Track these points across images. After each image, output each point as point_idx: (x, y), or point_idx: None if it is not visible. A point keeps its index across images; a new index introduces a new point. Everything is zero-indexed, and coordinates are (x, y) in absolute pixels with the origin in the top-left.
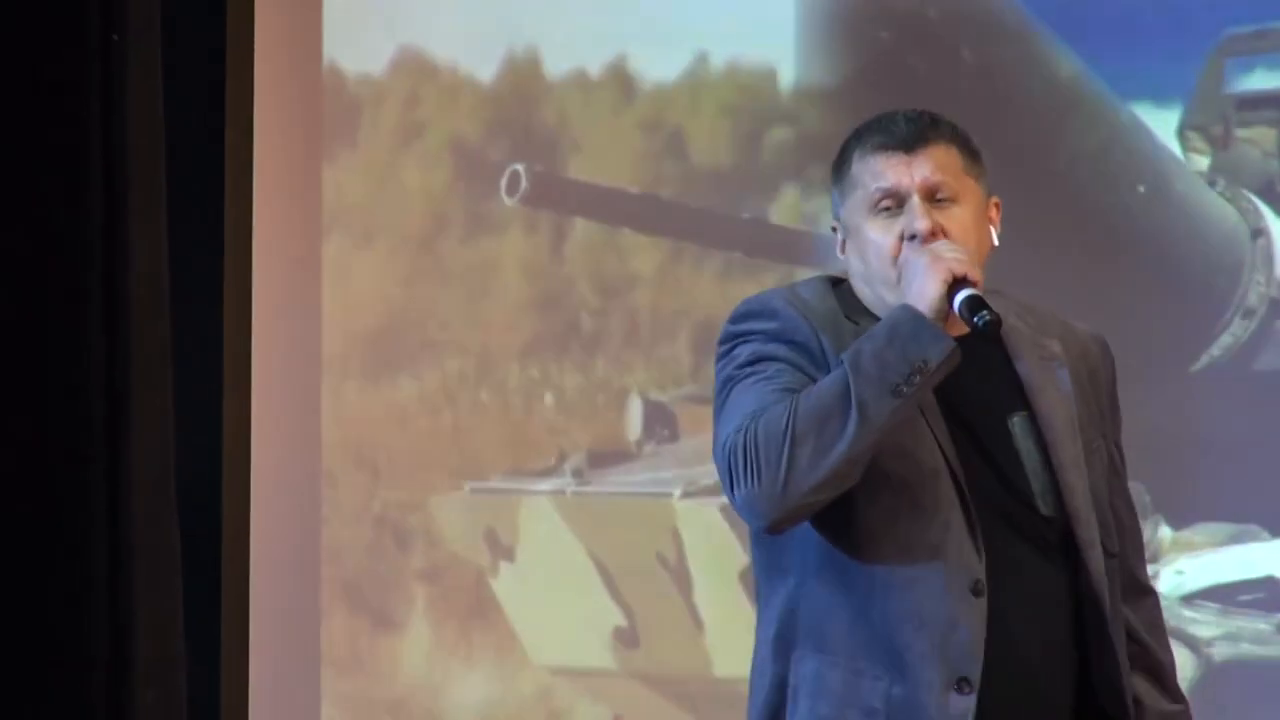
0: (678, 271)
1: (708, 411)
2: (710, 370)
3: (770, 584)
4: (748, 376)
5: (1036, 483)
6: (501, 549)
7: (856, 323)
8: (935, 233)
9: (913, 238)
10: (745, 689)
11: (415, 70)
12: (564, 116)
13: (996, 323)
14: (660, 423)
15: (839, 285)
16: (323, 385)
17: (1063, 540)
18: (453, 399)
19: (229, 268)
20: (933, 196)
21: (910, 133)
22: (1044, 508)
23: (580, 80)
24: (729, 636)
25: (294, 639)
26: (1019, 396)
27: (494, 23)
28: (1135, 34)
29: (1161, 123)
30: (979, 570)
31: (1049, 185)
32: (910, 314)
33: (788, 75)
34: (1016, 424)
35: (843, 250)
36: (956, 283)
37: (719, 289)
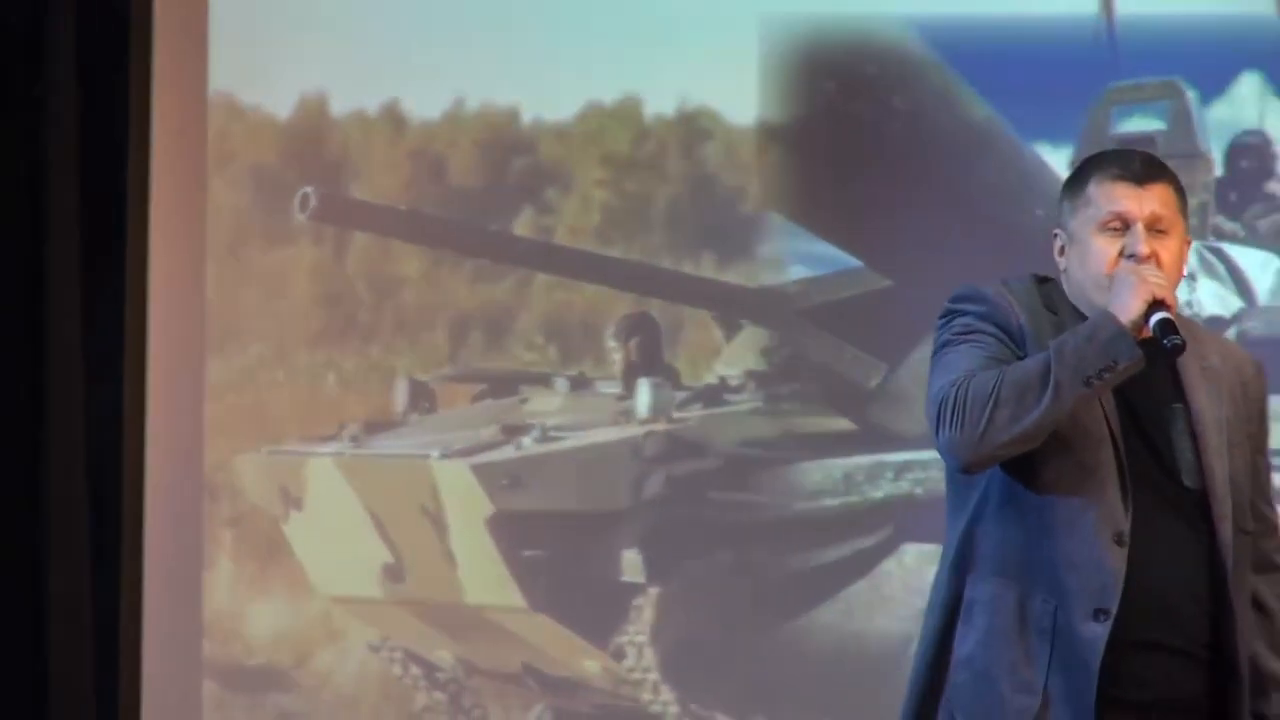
0: (438, 274)
1: (462, 389)
2: (465, 355)
3: (953, 518)
4: (962, 343)
5: (1183, 461)
6: (292, 500)
7: (1055, 313)
8: (1151, 256)
9: (1131, 256)
10: (490, 614)
11: (225, 111)
12: (346, 148)
13: (1181, 348)
14: (422, 398)
15: (1044, 283)
16: (157, 368)
17: (1200, 511)
18: (254, 378)
19: (130, 276)
20: (1153, 227)
21: (1144, 170)
22: (1188, 481)
23: (360, 119)
24: (476, 571)
25: (178, 581)
26: (1178, 391)
27: (289, 72)
28: (1036, 85)
29: (1057, 158)
30: (1124, 524)
31: (966, 209)
32: (1112, 321)
33: (528, 114)
34: (1173, 413)
35: (1061, 254)
36: (1155, 304)
37: (471, 288)
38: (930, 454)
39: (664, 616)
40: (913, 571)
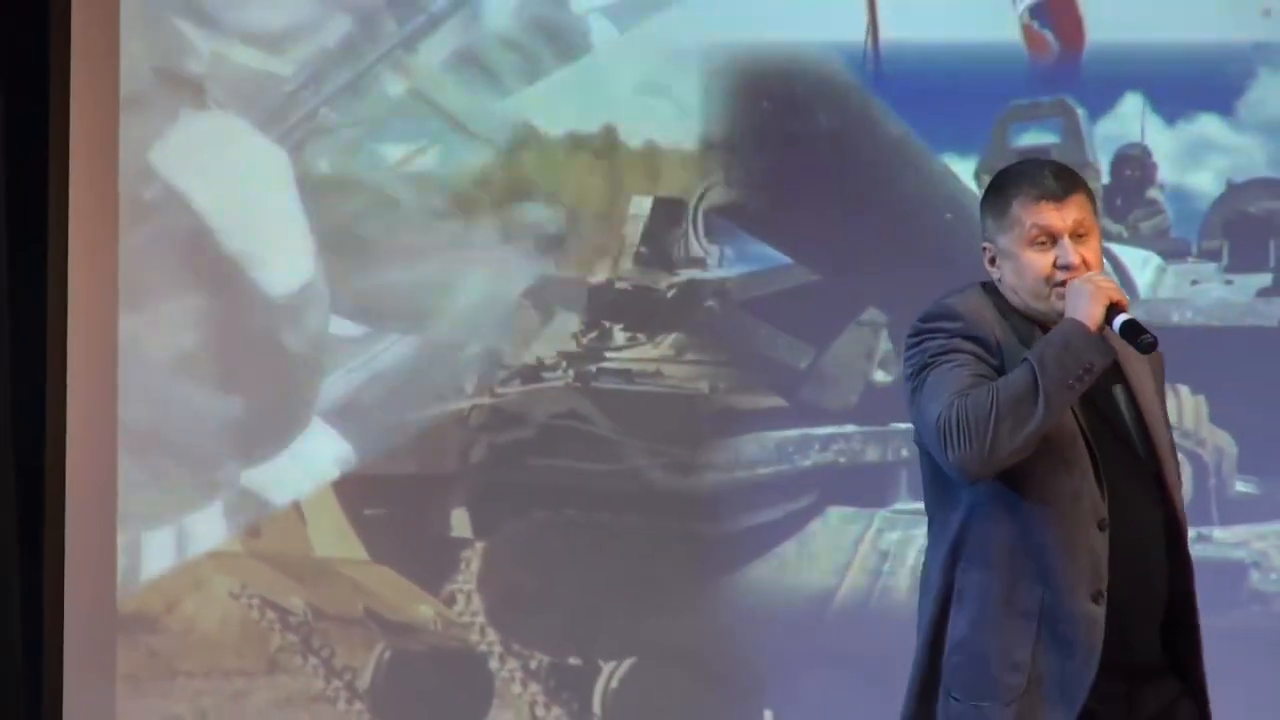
0: None
1: None
2: None
3: (943, 513)
4: (943, 364)
5: (1137, 436)
6: None
7: (1007, 319)
8: (1083, 264)
9: (1065, 267)
10: (336, 565)
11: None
12: None
13: (1154, 344)
14: None
15: (987, 289)
16: (75, 346)
17: (1155, 480)
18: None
19: (50, 267)
20: (1075, 233)
21: (1061, 186)
22: (1142, 454)
23: None
24: (324, 527)
25: (94, 551)
26: (1118, 372)
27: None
28: (944, 104)
29: (963, 169)
30: (1104, 511)
31: (884, 212)
32: (1081, 328)
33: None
34: (1118, 392)
35: (992, 264)
36: (1113, 306)
37: None
38: (851, 427)
39: (489, 568)
40: (836, 531)
